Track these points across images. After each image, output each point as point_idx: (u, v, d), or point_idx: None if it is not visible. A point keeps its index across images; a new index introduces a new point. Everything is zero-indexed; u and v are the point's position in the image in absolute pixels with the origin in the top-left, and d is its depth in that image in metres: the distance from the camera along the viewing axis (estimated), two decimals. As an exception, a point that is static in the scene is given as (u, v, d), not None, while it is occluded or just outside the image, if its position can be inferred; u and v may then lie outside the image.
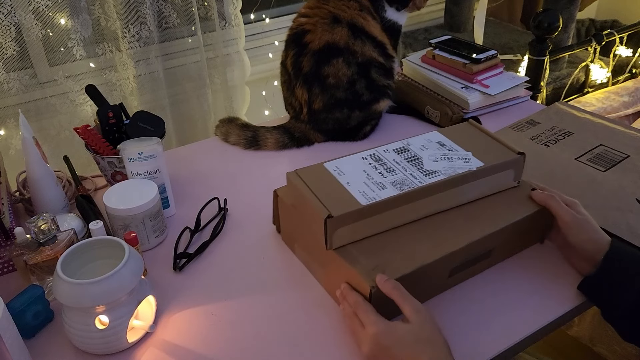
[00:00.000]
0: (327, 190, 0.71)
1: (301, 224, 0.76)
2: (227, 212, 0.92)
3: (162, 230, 0.85)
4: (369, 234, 0.71)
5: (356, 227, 0.69)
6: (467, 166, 0.75)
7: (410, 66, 1.31)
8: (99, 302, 0.63)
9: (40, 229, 0.71)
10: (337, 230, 0.68)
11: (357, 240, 0.70)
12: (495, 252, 0.76)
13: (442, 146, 0.80)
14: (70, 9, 1.37)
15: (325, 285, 0.75)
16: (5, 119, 1.40)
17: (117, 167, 0.91)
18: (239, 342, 0.69)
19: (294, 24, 1.11)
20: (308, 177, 0.73)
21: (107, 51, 1.46)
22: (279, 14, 1.86)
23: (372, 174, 0.74)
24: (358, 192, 0.70)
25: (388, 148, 0.80)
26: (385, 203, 0.69)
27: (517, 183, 0.80)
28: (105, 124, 0.94)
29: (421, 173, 0.74)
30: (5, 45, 1.32)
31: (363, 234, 0.71)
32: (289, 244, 0.83)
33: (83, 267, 0.70)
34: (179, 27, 1.55)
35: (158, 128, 0.94)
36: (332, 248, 0.69)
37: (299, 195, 0.73)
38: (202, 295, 0.76)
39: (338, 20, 1.05)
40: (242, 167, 1.06)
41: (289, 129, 1.12)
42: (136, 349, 0.68)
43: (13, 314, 0.62)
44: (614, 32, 1.80)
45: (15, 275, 0.80)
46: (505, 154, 0.78)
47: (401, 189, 0.71)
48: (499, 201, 0.78)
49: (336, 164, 0.76)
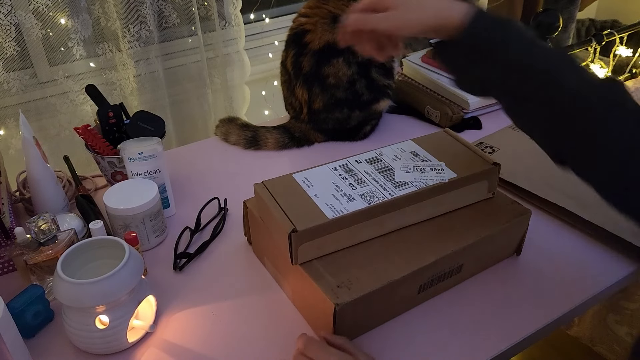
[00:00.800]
0: (294, 202, 0.69)
1: (268, 237, 0.74)
2: (227, 212, 0.92)
3: (162, 230, 0.85)
4: (336, 249, 0.69)
5: (323, 241, 0.67)
6: (439, 177, 0.73)
7: (411, 66, 1.31)
8: (99, 302, 0.63)
9: (41, 228, 0.71)
10: (303, 244, 0.66)
11: (324, 255, 0.68)
12: (466, 266, 0.74)
13: (416, 156, 0.78)
14: (70, 9, 1.37)
15: (293, 301, 0.74)
16: (5, 119, 1.40)
17: (117, 167, 0.91)
18: (239, 342, 0.69)
19: (294, 24, 1.11)
20: (275, 188, 0.72)
21: (107, 51, 1.46)
22: (279, 13, 1.86)
23: (342, 185, 0.72)
24: (325, 205, 0.68)
25: (360, 158, 0.78)
26: (352, 217, 0.67)
27: (491, 194, 0.79)
28: (106, 123, 0.94)
29: (392, 185, 0.72)
30: (5, 45, 1.31)
31: (330, 248, 0.68)
32: (259, 256, 0.82)
33: (83, 267, 0.69)
34: (179, 27, 1.55)
35: (158, 128, 0.94)
36: (298, 263, 0.67)
37: (264, 207, 0.71)
38: (202, 295, 0.76)
39: (338, 20, 1.05)
40: (242, 167, 1.06)
41: (289, 128, 1.12)
42: (136, 349, 0.68)
43: (13, 314, 0.62)
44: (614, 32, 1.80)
45: (15, 275, 0.80)
46: (480, 164, 0.76)
47: (370, 201, 0.69)
48: (472, 214, 0.76)
49: (305, 175, 0.75)
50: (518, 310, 0.72)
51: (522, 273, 0.78)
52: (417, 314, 0.72)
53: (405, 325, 0.70)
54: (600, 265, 0.77)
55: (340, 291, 0.63)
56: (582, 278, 0.77)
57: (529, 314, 0.72)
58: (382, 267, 0.67)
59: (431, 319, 0.71)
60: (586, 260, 0.79)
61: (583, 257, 0.80)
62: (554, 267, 0.79)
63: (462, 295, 0.74)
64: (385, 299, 0.67)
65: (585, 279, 0.77)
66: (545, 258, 0.81)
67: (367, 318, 0.68)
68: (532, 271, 0.78)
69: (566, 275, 0.77)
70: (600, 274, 0.77)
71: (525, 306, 0.73)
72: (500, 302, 0.74)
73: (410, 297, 0.71)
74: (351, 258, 0.68)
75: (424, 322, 0.71)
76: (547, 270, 0.78)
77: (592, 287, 0.76)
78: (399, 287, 0.67)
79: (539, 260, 0.80)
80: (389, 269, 0.67)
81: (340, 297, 0.62)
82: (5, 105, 1.39)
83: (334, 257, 0.69)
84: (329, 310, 0.62)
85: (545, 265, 0.79)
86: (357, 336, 0.68)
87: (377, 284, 0.65)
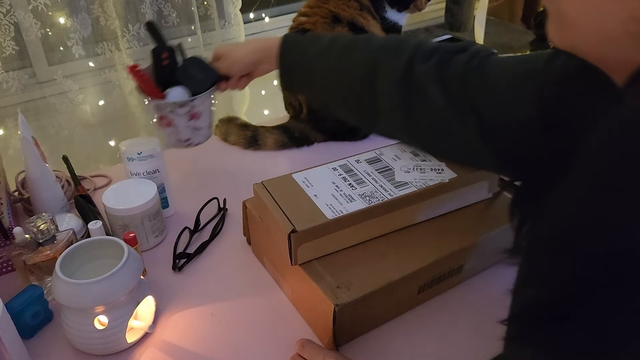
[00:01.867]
0: (294, 203, 0.69)
1: (268, 237, 0.74)
2: (227, 212, 0.92)
3: (162, 230, 0.85)
4: (335, 249, 0.69)
5: (322, 241, 0.67)
6: (439, 178, 0.73)
7: (410, 66, 1.31)
8: (98, 302, 0.62)
9: (39, 229, 0.71)
10: (302, 245, 0.66)
11: (324, 255, 0.68)
12: (466, 266, 0.74)
13: (416, 156, 0.78)
14: (69, 8, 1.37)
15: (293, 301, 0.74)
16: (4, 119, 1.40)
17: (161, 112, 0.88)
18: (238, 342, 0.69)
19: (294, 23, 1.10)
20: (275, 188, 0.72)
21: (107, 50, 1.46)
22: (278, 13, 1.86)
23: (342, 185, 0.72)
24: (325, 205, 0.68)
25: (360, 158, 0.78)
26: (352, 217, 0.67)
27: (491, 195, 0.78)
28: (158, 64, 0.90)
29: (392, 185, 0.72)
30: (4, 45, 1.31)
31: (330, 248, 0.68)
32: (258, 256, 0.81)
33: (82, 267, 0.69)
34: (179, 26, 1.55)
35: (208, 78, 0.89)
36: (297, 263, 0.67)
37: (264, 207, 0.71)
38: (202, 295, 0.76)
39: (338, 19, 1.05)
40: (241, 167, 1.06)
41: (288, 128, 1.12)
42: (135, 349, 0.68)
43: (12, 314, 0.62)
44: (614, 32, 1.80)
45: (14, 275, 0.79)
46: None
47: (370, 201, 0.69)
48: (472, 214, 0.76)
49: (305, 175, 0.75)
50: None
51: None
52: (417, 314, 0.72)
53: (405, 325, 0.70)
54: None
55: (339, 291, 0.63)
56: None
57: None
58: (382, 267, 0.67)
59: (431, 319, 0.71)
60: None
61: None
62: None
63: (462, 295, 0.74)
64: (385, 299, 0.66)
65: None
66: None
67: (366, 318, 0.68)
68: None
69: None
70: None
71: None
72: (500, 303, 0.73)
73: (410, 297, 0.71)
74: (351, 258, 0.68)
75: (424, 322, 0.71)
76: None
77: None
78: (399, 287, 0.67)
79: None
80: (389, 269, 0.66)
81: (339, 298, 0.62)
82: (4, 105, 1.39)
83: (334, 257, 0.68)
84: (329, 310, 0.62)
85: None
86: (357, 336, 0.68)
87: (377, 284, 0.64)
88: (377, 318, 0.70)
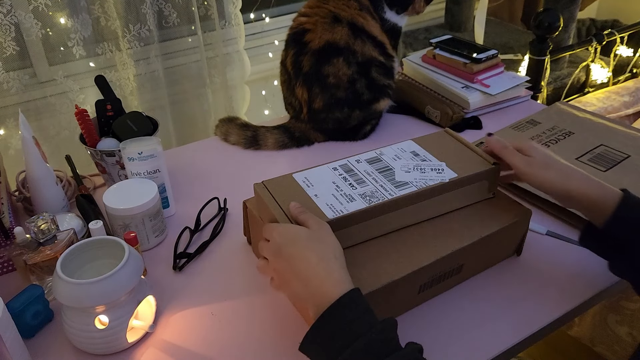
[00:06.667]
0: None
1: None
2: (227, 212, 0.92)
3: (162, 230, 0.85)
4: None
5: None
6: (439, 177, 0.73)
7: (411, 66, 1.31)
8: (98, 302, 0.62)
9: (40, 228, 0.71)
10: None
11: None
12: (466, 266, 0.74)
13: (416, 156, 0.78)
14: (70, 9, 1.37)
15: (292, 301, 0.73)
16: (5, 119, 1.40)
17: (96, 159, 0.93)
18: (239, 342, 0.69)
19: (294, 23, 1.10)
20: (275, 188, 0.71)
21: (107, 51, 1.46)
22: (279, 13, 1.86)
23: (342, 185, 0.72)
24: (325, 205, 0.68)
25: (360, 158, 0.78)
26: (352, 216, 0.67)
27: (492, 194, 0.79)
28: (102, 115, 0.95)
29: (392, 184, 0.72)
30: (5, 45, 1.31)
31: None
32: (258, 256, 0.80)
33: (83, 267, 0.69)
34: (179, 27, 1.55)
35: (143, 129, 0.93)
36: None
37: (264, 207, 0.71)
38: (202, 295, 0.76)
39: (338, 19, 1.05)
40: (242, 167, 1.06)
41: (289, 128, 1.12)
42: (136, 349, 0.68)
43: (13, 314, 0.62)
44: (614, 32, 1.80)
45: (14, 275, 0.80)
46: (480, 164, 0.76)
47: (370, 201, 0.69)
48: (471, 213, 0.75)
49: (305, 175, 0.75)
50: (518, 310, 0.72)
51: (522, 273, 0.78)
52: (417, 314, 0.72)
53: (406, 325, 0.70)
54: (601, 265, 0.77)
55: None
56: (582, 278, 0.77)
57: (529, 314, 0.72)
58: (382, 267, 0.67)
59: (431, 319, 0.71)
60: (586, 260, 0.79)
61: (583, 257, 0.80)
62: (554, 267, 0.79)
63: (462, 295, 0.74)
64: (385, 299, 0.66)
65: (585, 279, 0.77)
66: (545, 258, 0.80)
67: None
68: (532, 271, 0.78)
69: (566, 275, 0.77)
70: (600, 274, 0.77)
71: (526, 306, 0.73)
72: (500, 302, 0.73)
73: (410, 297, 0.71)
74: (351, 258, 0.68)
75: (424, 322, 0.71)
76: (547, 270, 0.78)
77: (592, 287, 0.76)
78: (399, 287, 0.67)
79: (539, 260, 0.80)
80: (389, 269, 0.66)
81: None
82: (5, 105, 1.39)
83: None
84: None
85: (545, 265, 0.79)
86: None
87: (377, 284, 0.64)
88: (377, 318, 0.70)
